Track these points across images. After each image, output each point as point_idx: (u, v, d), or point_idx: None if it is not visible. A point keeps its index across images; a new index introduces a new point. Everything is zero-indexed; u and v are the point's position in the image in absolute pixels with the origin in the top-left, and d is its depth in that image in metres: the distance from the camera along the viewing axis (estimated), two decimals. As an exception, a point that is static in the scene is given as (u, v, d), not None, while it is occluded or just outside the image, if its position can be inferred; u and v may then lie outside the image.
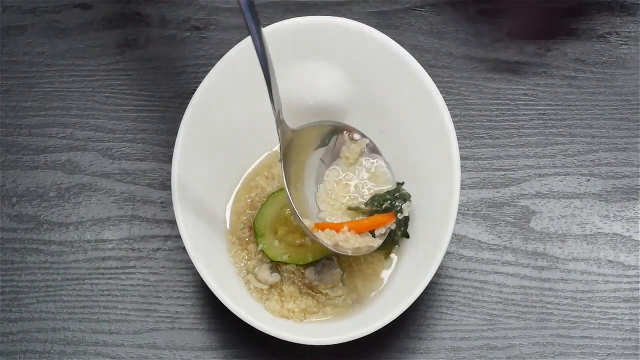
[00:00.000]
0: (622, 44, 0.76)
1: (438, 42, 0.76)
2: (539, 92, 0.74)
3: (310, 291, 0.66)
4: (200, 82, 0.64)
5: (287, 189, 0.62)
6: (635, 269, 0.69)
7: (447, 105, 0.63)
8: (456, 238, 0.70)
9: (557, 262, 0.70)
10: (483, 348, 0.67)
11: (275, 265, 0.66)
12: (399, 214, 0.65)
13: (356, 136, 0.66)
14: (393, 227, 0.65)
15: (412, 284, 0.61)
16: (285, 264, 0.66)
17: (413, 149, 0.66)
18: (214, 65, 0.64)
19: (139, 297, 0.69)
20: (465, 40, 0.76)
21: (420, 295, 0.60)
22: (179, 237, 0.63)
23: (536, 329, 0.68)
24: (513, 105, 0.74)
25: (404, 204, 0.65)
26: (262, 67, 0.58)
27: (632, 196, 0.71)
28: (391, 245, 0.66)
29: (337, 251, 0.63)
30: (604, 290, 0.69)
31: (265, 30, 0.64)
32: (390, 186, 0.66)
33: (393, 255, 0.66)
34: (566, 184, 0.72)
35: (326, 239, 0.63)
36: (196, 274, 0.67)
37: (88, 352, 0.68)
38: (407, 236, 0.66)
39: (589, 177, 0.72)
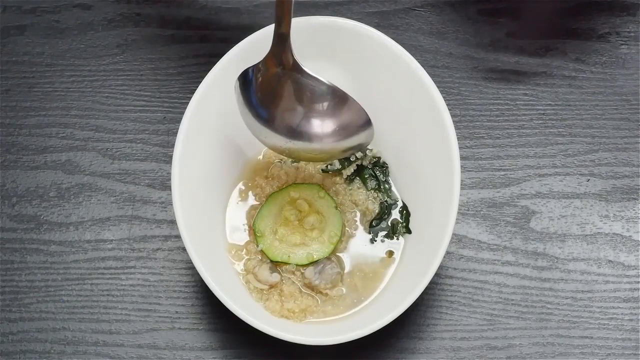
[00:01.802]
0: (622, 44, 0.76)
1: (438, 42, 0.76)
2: (539, 92, 0.74)
3: (310, 291, 0.66)
4: (200, 82, 0.64)
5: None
6: (635, 269, 0.69)
7: (447, 105, 0.63)
8: (456, 238, 0.70)
9: (557, 262, 0.70)
10: (483, 348, 0.67)
11: (275, 265, 0.66)
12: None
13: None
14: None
15: (412, 284, 0.61)
16: (286, 264, 0.66)
17: (413, 149, 0.66)
18: (214, 65, 0.64)
19: (139, 297, 0.69)
20: (465, 40, 0.76)
21: (420, 295, 0.60)
22: (179, 237, 0.63)
23: (536, 329, 0.68)
24: (513, 105, 0.74)
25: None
26: None
27: (632, 196, 0.71)
28: (393, 237, 0.66)
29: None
30: (604, 290, 0.69)
31: (265, 30, 0.64)
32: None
33: (394, 256, 0.67)
34: (566, 184, 0.72)
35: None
36: (196, 274, 0.67)
37: (88, 352, 0.68)
38: (410, 232, 0.66)
39: (589, 177, 0.72)
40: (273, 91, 0.63)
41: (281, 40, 0.61)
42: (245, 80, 0.63)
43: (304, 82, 0.62)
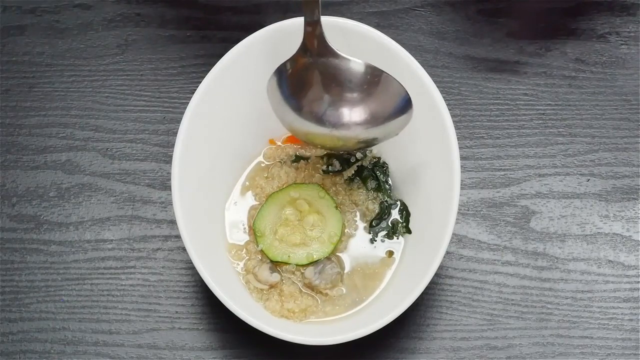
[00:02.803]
0: (622, 44, 0.76)
1: (438, 42, 0.76)
2: (539, 92, 0.74)
3: (310, 291, 0.66)
4: (200, 82, 0.64)
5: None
6: (635, 269, 0.69)
7: (447, 105, 0.63)
8: (456, 238, 0.70)
9: (557, 262, 0.70)
10: (483, 348, 0.67)
11: (275, 265, 0.66)
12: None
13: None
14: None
15: (412, 284, 0.61)
16: (286, 264, 0.66)
17: (413, 149, 0.66)
18: (214, 65, 0.64)
19: (139, 297, 0.69)
20: (465, 40, 0.76)
21: (420, 295, 0.60)
22: (179, 237, 0.63)
23: (536, 329, 0.68)
24: (513, 105, 0.74)
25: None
26: None
27: (632, 196, 0.71)
28: (393, 237, 0.66)
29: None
30: (604, 290, 0.69)
31: (265, 30, 0.65)
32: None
33: (394, 256, 0.67)
34: (566, 184, 0.72)
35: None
36: (196, 274, 0.67)
37: (88, 352, 0.68)
38: (410, 232, 0.66)
39: (589, 177, 0.72)
40: (312, 82, 0.63)
41: (313, 28, 0.61)
42: (281, 75, 0.63)
43: (342, 66, 0.62)
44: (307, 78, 0.63)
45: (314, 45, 0.62)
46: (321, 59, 0.62)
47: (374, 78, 0.62)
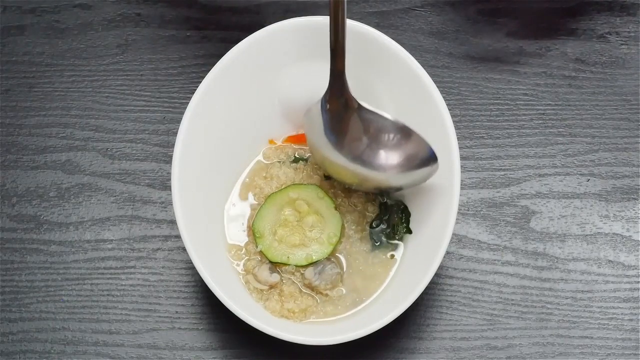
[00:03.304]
0: (622, 44, 0.76)
1: (438, 42, 0.76)
2: (539, 92, 0.74)
3: (310, 291, 0.66)
4: (200, 82, 0.64)
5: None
6: (635, 269, 0.69)
7: (447, 105, 0.63)
8: (456, 238, 0.70)
9: (557, 262, 0.70)
10: (483, 348, 0.67)
11: (275, 266, 0.66)
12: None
13: None
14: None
15: (412, 284, 0.61)
16: (285, 264, 0.66)
17: (413, 149, 0.66)
18: (214, 65, 0.64)
19: (139, 297, 0.69)
20: (465, 40, 0.76)
21: (420, 295, 0.60)
22: (179, 237, 0.63)
23: (536, 329, 0.68)
24: (513, 105, 0.74)
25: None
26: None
27: (632, 196, 0.71)
28: (393, 237, 0.66)
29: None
30: (604, 290, 0.69)
31: (265, 30, 0.65)
32: None
33: (394, 256, 0.67)
34: (566, 184, 0.72)
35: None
36: (196, 274, 0.67)
37: (88, 352, 0.68)
38: (410, 232, 0.66)
39: (589, 177, 0.72)
40: (337, 123, 0.64)
41: (336, 77, 0.62)
42: (322, 107, 0.63)
43: (365, 117, 0.63)
44: (341, 117, 0.63)
45: (340, 95, 0.62)
46: (348, 108, 0.63)
47: (401, 134, 0.62)
